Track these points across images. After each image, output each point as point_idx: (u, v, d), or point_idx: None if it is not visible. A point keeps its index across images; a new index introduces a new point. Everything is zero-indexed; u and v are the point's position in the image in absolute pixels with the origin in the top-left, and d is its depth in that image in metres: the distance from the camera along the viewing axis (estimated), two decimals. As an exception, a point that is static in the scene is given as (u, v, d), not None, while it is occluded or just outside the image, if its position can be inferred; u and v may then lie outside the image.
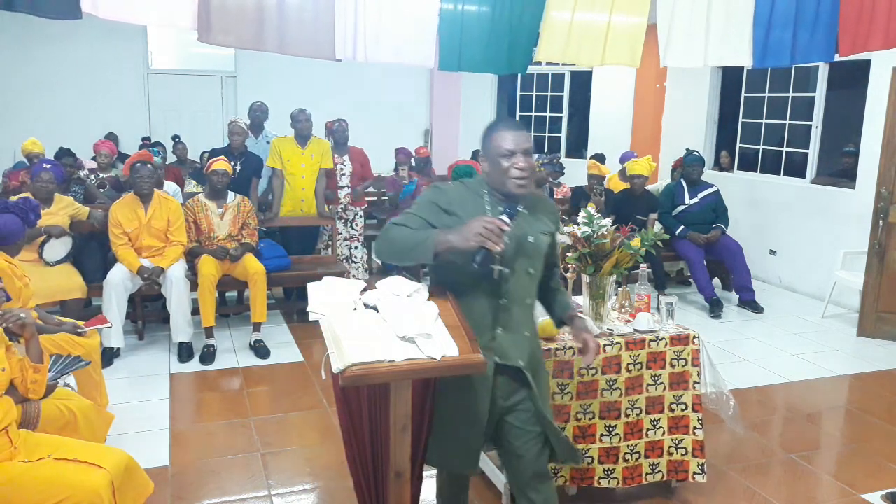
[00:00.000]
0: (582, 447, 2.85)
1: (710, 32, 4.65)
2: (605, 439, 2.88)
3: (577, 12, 4.55)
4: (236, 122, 5.69)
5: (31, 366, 2.43)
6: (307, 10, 4.05)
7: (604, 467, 2.90)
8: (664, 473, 3.02)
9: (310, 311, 2.44)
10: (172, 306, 4.64)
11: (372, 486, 2.55)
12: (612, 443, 2.90)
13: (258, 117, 6.25)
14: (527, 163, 2.12)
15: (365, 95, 9.26)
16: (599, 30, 4.63)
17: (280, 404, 4.06)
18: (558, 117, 10.13)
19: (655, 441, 2.98)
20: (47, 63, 8.43)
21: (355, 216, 6.21)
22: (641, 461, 2.97)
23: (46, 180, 4.73)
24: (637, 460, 2.96)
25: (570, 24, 4.55)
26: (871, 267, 5.39)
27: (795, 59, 4.64)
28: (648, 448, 2.98)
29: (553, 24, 4.54)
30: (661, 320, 3.01)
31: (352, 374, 2.03)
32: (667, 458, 3.01)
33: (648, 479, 2.99)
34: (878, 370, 4.80)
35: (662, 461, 3.01)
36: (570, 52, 4.62)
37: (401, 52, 4.32)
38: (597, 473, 2.89)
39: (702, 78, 7.97)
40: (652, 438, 2.98)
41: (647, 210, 6.31)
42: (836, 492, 3.24)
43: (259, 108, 6.32)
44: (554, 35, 4.56)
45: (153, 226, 4.72)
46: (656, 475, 3.00)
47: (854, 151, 6.58)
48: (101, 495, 2.18)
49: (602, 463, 2.89)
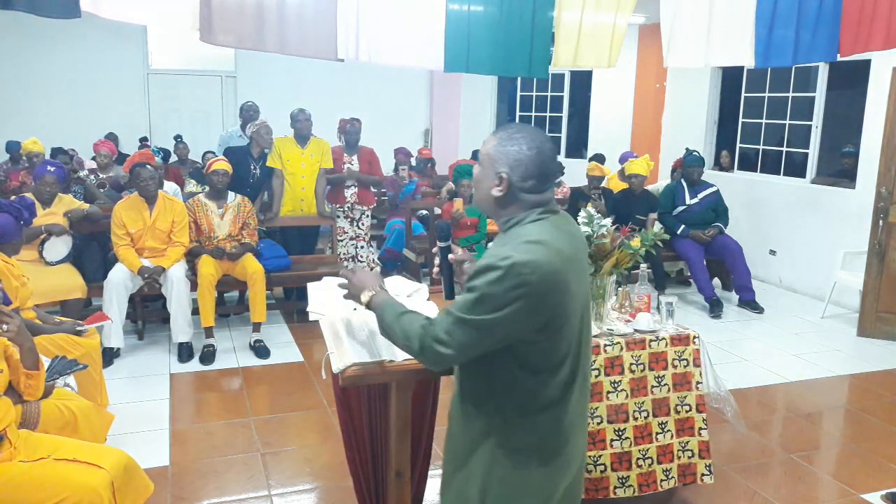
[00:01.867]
0: (593, 454, 2.77)
1: (712, 32, 4.65)
2: (616, 444, 2.82)
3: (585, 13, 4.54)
4: (266, 123, 5.63)
5: (24, 372, 2.43)
6: (308, 10, 4.04)
7: (618, 475, 2.82)
8: (676, 479, 2.94)
9: (310, 311, 2.44)
10: (172, 306, 4.64)
11: (372, 486, 2.55)
12: (623, 447, 2.83)
13: (251, 117, 6.26)
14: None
15: (365, 95, 9.26)
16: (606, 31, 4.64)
17: (280, 404, 4.06)
18: (558, 117, 10.13)
19: (665, 445, 2.91)
20: (47, 63, 8.44)
21: (362, 215, 6.18)
22: (655, 467, 2.89)
23: (50, 183, 4.74)
24: (650, 466, 2.88)
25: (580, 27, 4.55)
26: (871, 267, 5.39)
27: (797, 58, 4.64)
28: (660, 452, 2.90)
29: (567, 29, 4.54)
30: (661, 320, 3.01)
31: (352, 374, 2.03)
32: (677, 461, 2.94)
33: (664, 485, 2.90)
34: (878, 370, 4.79)
35: (674, 466, 2.94)
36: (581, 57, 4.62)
37: (406, 53, 4.30)
38: (611, 483, 2.80)
39: (702, 78, 7.96)
40: (662, 442, 2.91)
41: (646, 210, 6.31)
42: (836, 492, 3.24)
43: (251, 108, 6.38)
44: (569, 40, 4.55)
45: (158, 227, 4.72)
46: (670, 481, 2.92)
47: (853, 152, 6.58)
48: (101, 495, 2.18)
49: (616, 470, 2.81)
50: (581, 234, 1.75)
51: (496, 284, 1.51)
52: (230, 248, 4.89)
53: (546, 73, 4.61)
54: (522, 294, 1.50)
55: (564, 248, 1.59)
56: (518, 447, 1.65)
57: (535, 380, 1.61)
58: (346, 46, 4.17)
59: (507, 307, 1.51)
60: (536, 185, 1.64)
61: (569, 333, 1.62)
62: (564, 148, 10.15)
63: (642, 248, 2.87)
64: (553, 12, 4.51)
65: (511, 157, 1.63)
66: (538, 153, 1.63)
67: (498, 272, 1.50)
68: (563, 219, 1.69)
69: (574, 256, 1.63)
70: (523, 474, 1.65)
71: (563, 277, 1.56)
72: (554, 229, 1.62)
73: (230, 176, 5.01)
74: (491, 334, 1.54)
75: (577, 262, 1.65)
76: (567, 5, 4.52)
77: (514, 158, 1.62)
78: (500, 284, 1.50)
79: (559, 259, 1.55)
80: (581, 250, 1.71)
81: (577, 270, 1.64)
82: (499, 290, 1.50)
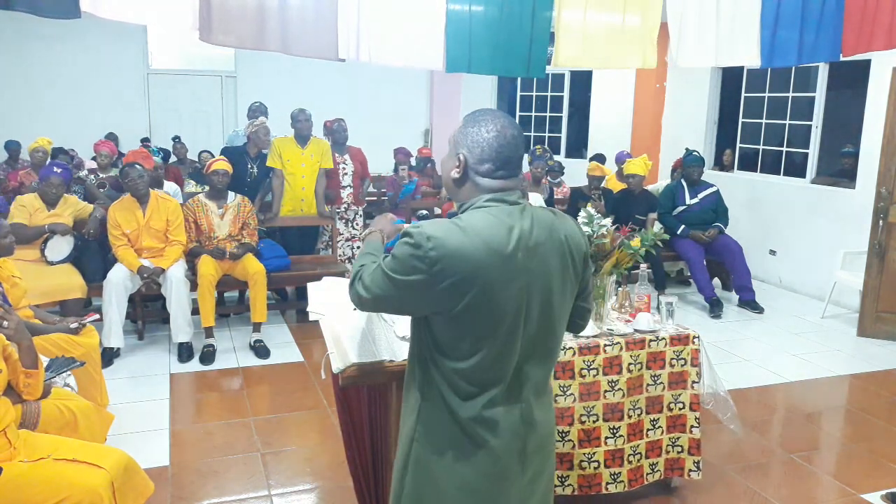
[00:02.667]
0: (588, 451, 2.82)
1: (719, 32, 4.65)
2: (610, 441, 2.86)
3: (588, 12, 4.53)
4: (265, 124, 5.65)
5: (23, 371, 2.43)
6: (309, 10, 4.03)
7: (610, 471, 2.87)
8: (661, 472, 3.02)
9: (310, 311, 2.45)
10: (172, 306, 4.64)
11: (372, 486, 2.55)
12: (616, 445, 2.88)
13: (254, 117, 6.26)
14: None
15: (365, 95, 9.26)
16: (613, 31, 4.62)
17: (280, 404, 4.06)
18: (558, 117, 10.14)
19: (655, 441, 2.99)
20: (47, 63, 8.43)
21: (356, 216, 6.22)
22: (643, 462, 2.97)
23: (57, 184, 4.76)
24: (639, 461, 2.95)
25: (584, 27, 4.53)
26: (871, 267, 5.39)
27: (802, 58, 4.65)
28: (649, 448, 2.98)
29: (567, 28, 4.53)
30: (661, 320, 3.01)
31: (352, 374, 2.03)
32: (664, 456, 3.02)
33: (649, 478, 2.99)
34: (878, 370, 4.79)
35: (660, 460, 3.01)
36: (586, 57, 4.61)
37: (407, 54, 4.28)
38: (604, 479, 2.86)
39: (702, 78, 7.97)
40: (652, 438, 2.98)
41: (646, 210, 6.31)
42: (836, 492, 3.24)
43: (258, 109, 6.41)
44: (569, 40, 4.54)
45: (152, 226, 4.72)
46: (655, 474, 3.01)
47: (852, 152, 6.59)
48: (101, 495, 2.18)
49: (609, 467, 2.87)
50: (546, 237, 1.58)
51: (404, 248, 1.52)
52: (231, 249, 4.89)
53: (543, 72, 4.62)
54: (421, 268, 1.49)
55: (495, 242, 1.50)
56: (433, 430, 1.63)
57: (449, 364, 1.58)
58: (347, 46, 4.17)
59: (408, 275, 1.51)
60: (492, 170, 1.59)
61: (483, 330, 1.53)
62: (564, 148, 10.15)
63: (642, 248, 2.87)
64: (551, 12, 4.50)
65: (470, 139, 1.60)
66: (497, 136, 1.58)
67: (409, 239, 1.52)
68: (517, 213, 1.57)
69: (508, 254, 1.51)
70: (437, 461, 1.62)
71: (478, 268, 1.49)
72: (493, 220, 1.53)
73: (230, 176, 5.01)
74: (398, 294, 1.55)
75: (513, 260, 1.52)
76: (567, 4, 4.52)
77: (473, 140, 1.59)
78: (407, 250, 1.51)
79: (479, 250, 1.49)
80: (534, 251, 1.56)
81: (513, 270, 1.52)
82: (405, 254, 1.52)
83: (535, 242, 1.56)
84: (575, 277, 1.65)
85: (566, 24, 4.53)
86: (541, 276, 1.57)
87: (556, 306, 1.62)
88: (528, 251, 1.54)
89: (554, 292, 1.60)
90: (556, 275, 1.59)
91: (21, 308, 3.44)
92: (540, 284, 1.57)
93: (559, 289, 1.61)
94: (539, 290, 1.57)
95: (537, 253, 1.56)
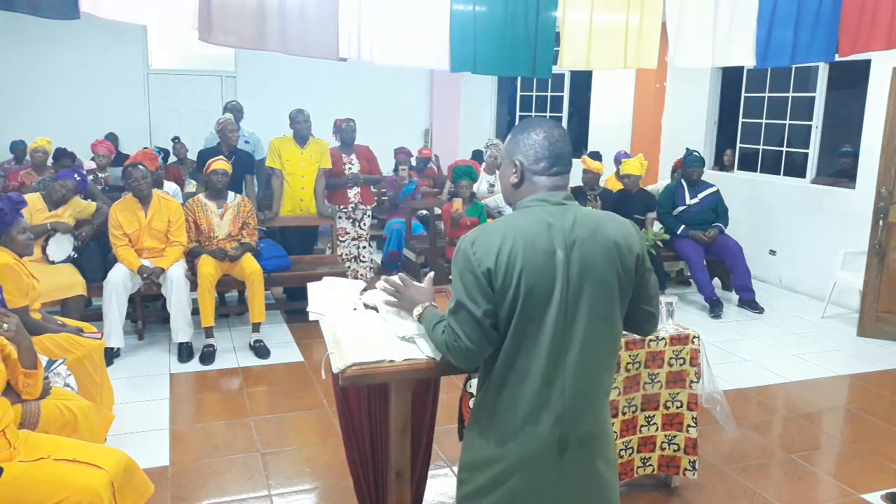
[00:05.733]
0: None
1: (717, 33, 4.66)
2: None
3: (595, 13, 4.53)
4: (231, 119, 5.70)
5: (22, 371, 2.43)
6: (309, 9, 4.03)
7: None
8: (655, 467, 3.04)
9: (310, 311, 2.44)
10: (172, 306, 4.64)
11: (372, 486, 2.55)
12: None
13: (236, 116, 6.27)
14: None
15: (365, 95, 9.26)
16: (618, 32, 4.62)
17: (280, 404, 4.06)
18: (558, 117, 10.13)
19: (648, 437, 3.02)
20: (47, 63, 8.44)
21: (363, 215, 6.19)
22: (634, 456, 3.00)
23: (70, 188, 4.79)
24: (630, 455, 2.99)
25: (590, 28, 4.53)
26: (871, 267, 5.39)
27: (796, 59, 4.66)
28: (641, 443, 3.01)
29: (572, 29, 4.52)
30: (661, 320, 3.01)
31: (352, 374, 2.03)
32: (658, 452, 3.04)
33: (639, 472, 3.02)
34: (878, 370, 4.79)
35: (654, 456, 3.04)
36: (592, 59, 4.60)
37: (409, 53, 4.28)
38: None
39: (702, 78, 7.96)
40: (645, 434, 3.01)
41: (644, 209, 6.30)
42: (836, 492, 3.24)
43: (235, 107, 6.43)
44: (575, 41, 4.54)
45: (154, 227, 4.72)
46: (647, 468, 3.03)
47: (853, 152, 6.58)
48: (101, 495, 2.18)
49: None
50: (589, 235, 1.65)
51: (457, 261, 1.68)
52: (230, 251, 4.89)
53: (549, 73, 4.61)
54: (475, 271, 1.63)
55: (531, 236, 1.62)
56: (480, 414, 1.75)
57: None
58: (348, 46, 4.16)
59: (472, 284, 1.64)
60: (547, 167, 1.72)
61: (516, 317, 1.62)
62: (564, 148, 10.13)
63: (642, 247, 2.87)
64: (556, 12, 4.50)
65: (523, 144, 1.74)
66: (546, 136, 1.72)
67: (458, 252, 1.68)
68: (558, 212, 1.67)
69: (544, 248, 1.62)
70: (481, 445, 1.73)
71: (511, 257, 1.61)
72: (533, 219, 1.66)
73: (230, 176, 5.01)
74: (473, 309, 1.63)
75: (552, 255, 1.62)
76: (572, 5, 4.51)
77: (526, 144, 1.74)
78: (460, 263, 1.67)
79: (513, 242, 1.62)
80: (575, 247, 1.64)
81: (551, 264, 1.62)
82: (460, 267, 1.67)
83: (576, 239, 1.65)
84: (625, 274, 1.69)
85: (571, 25, 4.52)
86: (583, 270, 1.64)
87: (602, 299, 1.67)
88: (569, 247, 1.64)
89: (597, 286, 1.66)
90: (600, 270, 1.66)
91: (35, 309, 3.46)
92: (582, 278, 1.65)
93: (603, 283, 1.67)
94: (580, 284, 1.65)
95: (580, 249, 1.65)
